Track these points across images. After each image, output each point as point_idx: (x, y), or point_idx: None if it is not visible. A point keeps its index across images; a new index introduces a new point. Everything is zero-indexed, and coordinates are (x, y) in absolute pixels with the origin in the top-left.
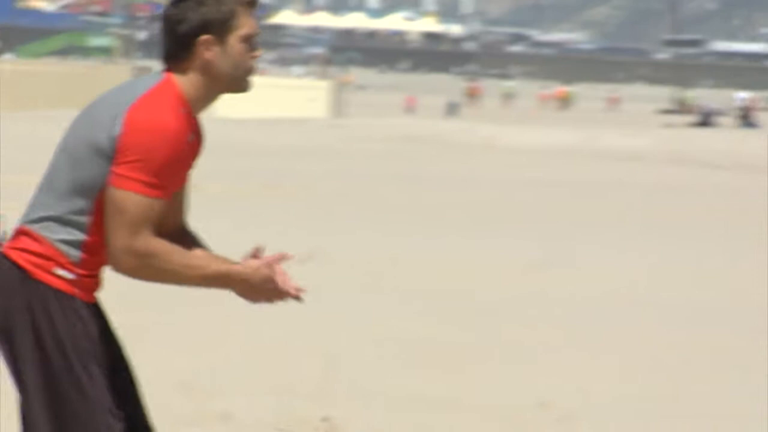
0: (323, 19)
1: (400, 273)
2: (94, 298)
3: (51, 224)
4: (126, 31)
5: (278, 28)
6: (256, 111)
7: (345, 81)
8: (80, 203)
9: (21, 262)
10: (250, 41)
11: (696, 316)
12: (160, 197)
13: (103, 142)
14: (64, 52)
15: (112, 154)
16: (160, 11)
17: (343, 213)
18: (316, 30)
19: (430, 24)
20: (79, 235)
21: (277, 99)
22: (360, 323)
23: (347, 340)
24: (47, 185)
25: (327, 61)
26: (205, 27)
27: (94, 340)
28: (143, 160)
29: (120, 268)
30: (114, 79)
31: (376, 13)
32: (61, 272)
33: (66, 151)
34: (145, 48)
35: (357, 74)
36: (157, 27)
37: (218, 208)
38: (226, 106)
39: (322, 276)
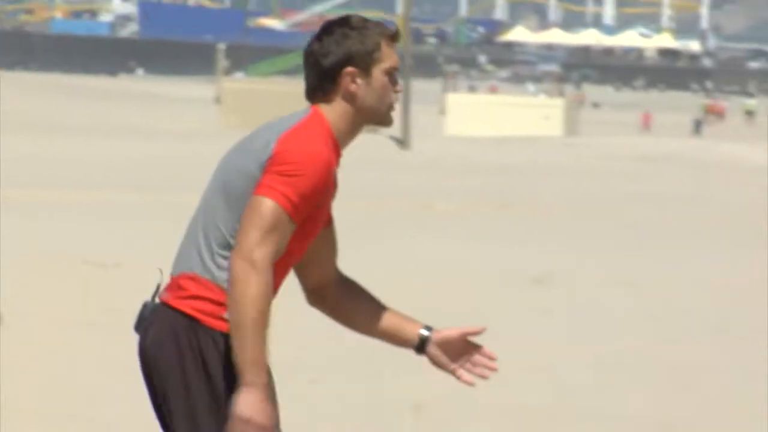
0: (557, 36)
1: (633, 293)
2: None
3: (219, 268)
4: None
5: (511, 45)
6: (490, 129)
7: (577, 98)
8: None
9: (187, 310)
10: (392, 75)
11: None
12: (293, 218)
13: (254, 170)
14: (293, 71)
15: (261, 174)
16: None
17: (576, 232)
18: (549, 47)
19: (666, 40)
20: None
21: (510, 117)
22: (587, 342)
23: (574, 359)
24: (202, 227)
25: (560, 79)
26: (349, 59)
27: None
28: (289, 176)
29: (231, 261)
30: None
31: (611, 30)
32: (227, 316)
33: (219, 191)
34: None
35: (592, 91)
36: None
37: (449, 226)
38: (459, 124)
39: (554, 296)
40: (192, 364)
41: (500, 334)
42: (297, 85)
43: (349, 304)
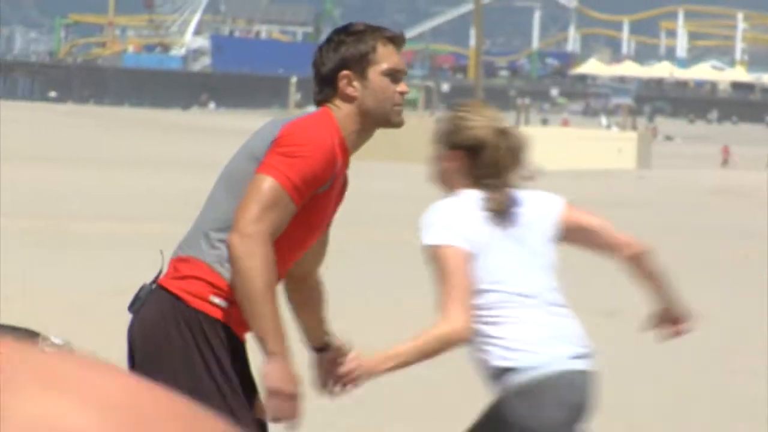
0: (630, 69)
1: (705, 328)
2: (243, 337)
3: (206, 246)
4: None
5: (584, 78)
6: (562, 162)
7: (650, 131)
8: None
9: (175, 289)
10: (393, 76)
11: None
12: (293, 199)
13: (259, 149)
14: None
15: (264, 156)
16: (464, 62)
17: None
18: (622, 80)
19: (739, 73)
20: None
21: (583, 150)
22: (657, 376)
23: (644, 394)
24: (202, 213)
25: (633, 111)
26: (344, 63)
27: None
28: (291, 157)
29: (229, 239)
30: (416, 130)
31: (684, 63)
32: (216, 300)
33: (223, 178)
34: (447, 99)
35: (665, 124)
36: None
37: None
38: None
39: (624, 329)
40: (175, 343)
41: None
42: None
43: (301, 297)
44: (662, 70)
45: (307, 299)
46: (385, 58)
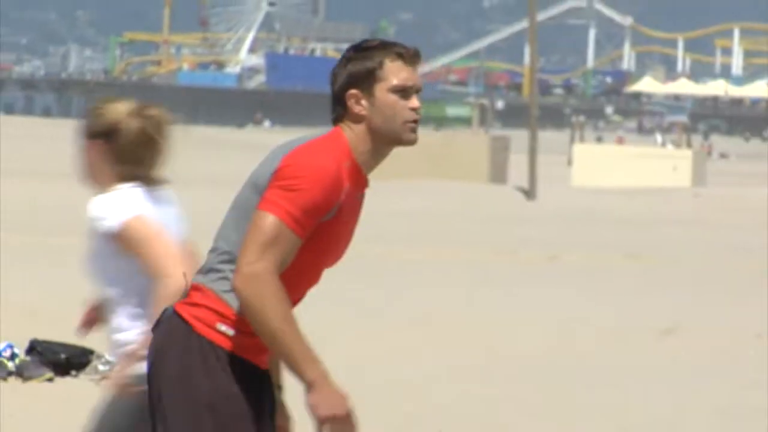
0: (685, 87)
1: (764, 345)
2: (264, 362)
3: (215, 276)
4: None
5: (639, 96)
6: (617, 180)
7: (705, 149)
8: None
9: (186, 315)
10: (402, 92)
11: None
12: (296, 233)
13: (262, 179)
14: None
15: (265, 188)
16: (518, 80)
17: (705, 284)
18: (677, 98)
19: None
20: None
21: (638, 167)
22: (716, 394)
23: (702, 412)
24: (216, 241)
25: (687, 129)
26: (351, 81)
27: (244, 406)
28: (290, 191)
29: (233, 283)
30: (471, 149)
31: (739, 81)
32: (223, 328)
33: (233, 206)
34: (503, 117)
35: (719, 142)
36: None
37: (576, 278)
38: (586, 175)
39: (683, 347)
40: (184, 369)
41: (628, 385)
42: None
43: None
44: (717, 88)
45: None
46: (393, 74)
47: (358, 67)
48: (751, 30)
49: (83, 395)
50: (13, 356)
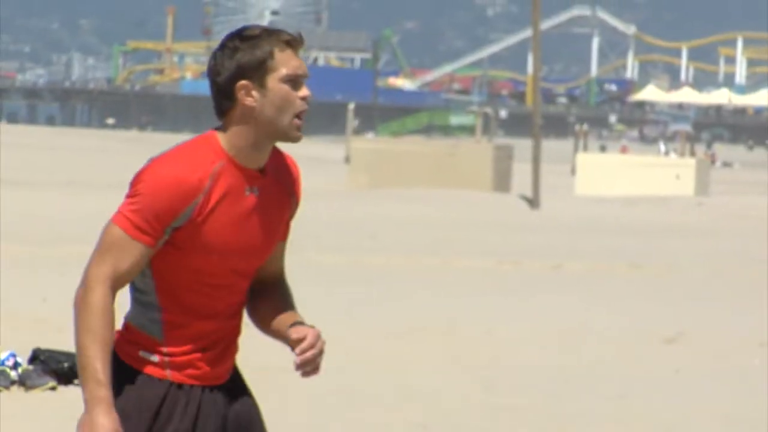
0: (688, 96)
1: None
2: (208, 378)
3: (134, 308)
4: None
5: (642, 105)
6: (621, 188)
7: (708, 158)
8: (146, 281)
9: (117, 350)
10: (293, 82)
11: None
12: (141, 241)
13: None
14: (424, 131)
15: None
16: (522, 89)
17: (709, 293)
18: (680, 106)
19: None
20: (154, 314)
21: (641, 176)
22: (720, 402)
23: (707, 420)
24: None
25: (690, 138)
26: (241, 72)
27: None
28: (131, 197)
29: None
30: (475, 158)
31: (743, 89)
32: (143, 354)
33: None
34: (506, 126)
35: (723, 151)
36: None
37: (580, 287)
38: (590, 183)
39: (686, 356)
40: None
41: (632, 394)
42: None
43: (258, 303)
44: (721, 96)
45: (262, 299)
46: (284, 63)
47: (248, 58)
48: (755, 39)
49: None
50: (15, 365)
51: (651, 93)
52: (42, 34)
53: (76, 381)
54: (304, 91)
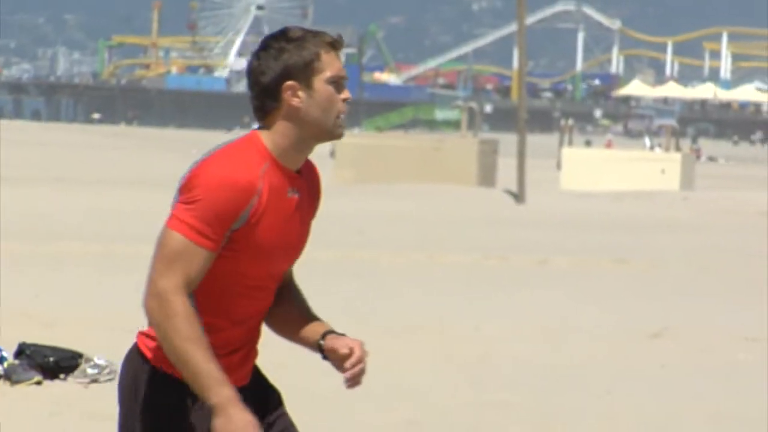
0: (673, 91)
1: (754, 349)
2: (231, 381)
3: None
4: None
5: (627, 100)
6: (606, 183)
7: (693, 153)
8: None
9: (140, 346)
10: (336, 83)
11: None
12: (205, 247)
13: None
14: (408, 125)
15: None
16: (507, 84)
17: (695, 288)
18: (665, 101)
19: None
20: None
21: (626, 171)
22: (705, 398)
23: (693, 416)
24: None
25: (676, 133)
26: (288, 73)
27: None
28: (189, 203)
29: (144, 308)
30: (460, 152)
31: (728, 84)
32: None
33: None
34: (491, 120)
35: (708, 146)
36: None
37: (563, 282)
38: (575, 178)
39: (672, 351)
40: (129, 394)
41: (618, 389)
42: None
43: (275, 307)
44: (706, 91)
45: (291, 306)
46: (329, 65)
47: (295, 59)
48: (740, 34)
49: (72, 399)
50: (1, 359)
51: (636, 88)
52: (27, 29)
53: (62, 376)
54: (345, 93)
